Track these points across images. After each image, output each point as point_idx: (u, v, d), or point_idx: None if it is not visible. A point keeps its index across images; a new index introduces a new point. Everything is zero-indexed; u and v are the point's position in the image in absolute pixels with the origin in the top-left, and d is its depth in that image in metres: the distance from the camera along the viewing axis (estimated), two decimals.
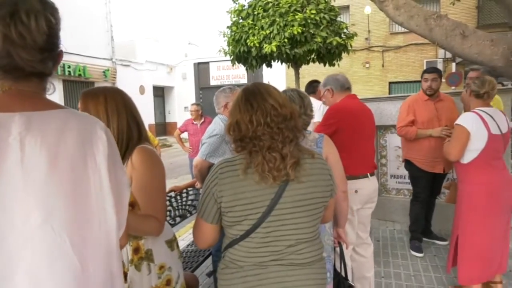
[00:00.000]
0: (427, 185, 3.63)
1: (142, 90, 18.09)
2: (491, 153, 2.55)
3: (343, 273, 2.02)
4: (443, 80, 5.92)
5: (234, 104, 1.33)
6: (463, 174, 2.65)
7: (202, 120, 6.05)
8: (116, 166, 0.87)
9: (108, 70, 15.89)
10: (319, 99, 4.09)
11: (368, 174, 2.58)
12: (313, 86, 4.54)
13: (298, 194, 1.25)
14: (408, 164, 3.70)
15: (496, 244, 2.62)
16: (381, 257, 3.51)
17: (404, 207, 4.11)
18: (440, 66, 14.73)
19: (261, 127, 1.23)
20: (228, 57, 10.60)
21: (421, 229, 3.75)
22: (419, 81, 3.74)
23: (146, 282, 1.47)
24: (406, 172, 3.90)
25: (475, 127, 2.49)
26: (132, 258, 1.47)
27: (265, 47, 9.11)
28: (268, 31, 9.20)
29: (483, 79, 2.65)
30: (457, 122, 2.60)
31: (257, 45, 9.29)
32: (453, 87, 11.53)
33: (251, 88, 1.34)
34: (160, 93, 20.78)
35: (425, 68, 4.07)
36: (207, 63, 20.06)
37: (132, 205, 1.40)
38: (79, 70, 14.33)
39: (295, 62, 10.12)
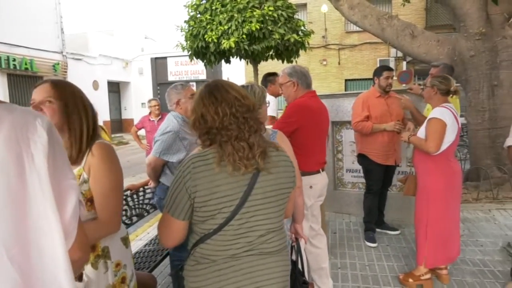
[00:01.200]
0: (380, 178, 3.80)
1: (96, 85, 17.33)
2: (455, 145, 2.75)
3: (300, 268, 2.05)
4: (395, 78, 6.17)
5: (197, 99, 1.33)
6: (430, 166, 2.75)
7: (160, 116, 5.91)
8: (60, 167, 0.77)
9: (58, 63, 15.04)
10: (272, 93, 4.03)
11: (320, 169, 2.70)
12: (267, 80, 4.21)
13: (268, 185, 1.29)
14: (362, 158, 3.85)
15: (456, 228, 2.87)
16: (337, 249, 3.63)
17: (359, 200, 4.26)
18: (392, 64, 15.43)
19: (227, 117, 1.26)
20: (186, 52, 10.42)
21: (374, 220, 3.92)
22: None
23: (103, 280, 1.44)
24: (360, 166, 4.04)
25: (450, 120, 2.63)
26: None
27: (224, 43, 9.05)
28: (226, 27, 9.15)
29: (446, 77, 2.79)
30: (432, 116, 2.68)
31: (215, 40, 9.21)
32: (403, 85, 12.09)
33: (212, 83, 1.37)
34: (116, 88, 20.02)
35: (378, 66, 4.25)
36: (165, 58, 19.59)
37: (90, 201, 1.40)
38: (26, 64, 13.44)
39: (254, 59, 10.15)
